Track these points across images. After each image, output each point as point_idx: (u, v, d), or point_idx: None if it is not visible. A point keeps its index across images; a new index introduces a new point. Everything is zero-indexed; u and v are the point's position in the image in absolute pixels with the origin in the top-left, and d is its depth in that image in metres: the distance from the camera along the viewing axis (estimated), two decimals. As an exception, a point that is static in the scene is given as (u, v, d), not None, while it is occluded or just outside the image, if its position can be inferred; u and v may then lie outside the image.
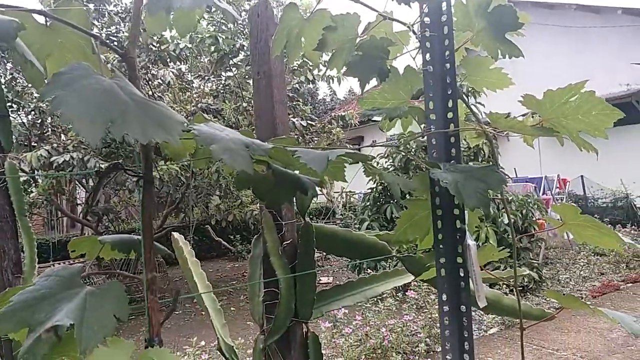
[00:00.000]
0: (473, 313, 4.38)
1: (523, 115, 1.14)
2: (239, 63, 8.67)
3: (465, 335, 1.01)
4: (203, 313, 6.41)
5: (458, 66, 1.10)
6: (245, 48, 8.29)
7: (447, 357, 1.02)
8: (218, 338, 1.34)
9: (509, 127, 1.00)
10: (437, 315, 5.90)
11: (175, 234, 1.33)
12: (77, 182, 8.50)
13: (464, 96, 1.07)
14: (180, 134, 0.66)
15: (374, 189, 9.02)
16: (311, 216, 12.97)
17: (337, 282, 1.40)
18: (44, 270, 0.83)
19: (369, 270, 7.64)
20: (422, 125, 1.10)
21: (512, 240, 1.18)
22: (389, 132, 1.22)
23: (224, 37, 7.76)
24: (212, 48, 8.01)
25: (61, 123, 7.14)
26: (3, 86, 1.89)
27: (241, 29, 8.48)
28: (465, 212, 1.00)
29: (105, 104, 0.64)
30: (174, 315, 7.34)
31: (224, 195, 8.98)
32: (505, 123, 0.98)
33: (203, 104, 8.03)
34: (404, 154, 8.23)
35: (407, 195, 1.12)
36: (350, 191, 15.29)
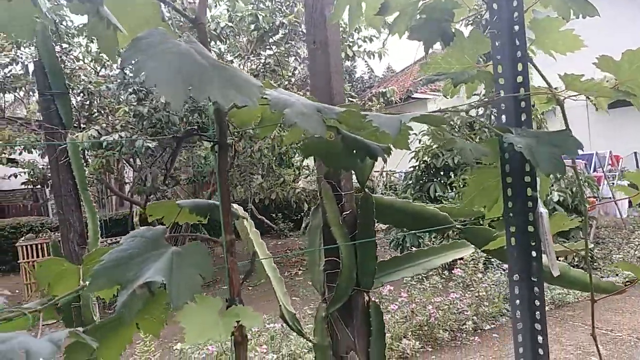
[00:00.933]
0: None
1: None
2: (278, 41, 8.66)
3: (537, 305, 0.99)
4: (250, 288, 6.66)
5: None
6: (284, 25, 8.27)
7: (518, 325, 1.01)
8: (280, 306, 1.37)
9: (585, 90, 0.95)
10: (484, 293, 5.83)
11: (235, 205, 1.35)
12: (125, 162, 8.76)
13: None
14: (258, 97, 0.67)
15: (417, 167, 8.91)
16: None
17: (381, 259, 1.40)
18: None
19: (413, 248, 7.61)
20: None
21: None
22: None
23: (263, 14, 7.75)
24: (252, 27, 8.01)
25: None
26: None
27: (279, 6, 8.45)
28: (537, 179, 0.97)
29: (185, 68, 0.65)
30: (226, 291, 7.56)
31: (266, 174, 9.08)
32: (581, 85, 0.94)
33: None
34: (447, 131, 8.06)
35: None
36: (390, 170, 15.19)
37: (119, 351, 0.86)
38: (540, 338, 1.00)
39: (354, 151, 0.80)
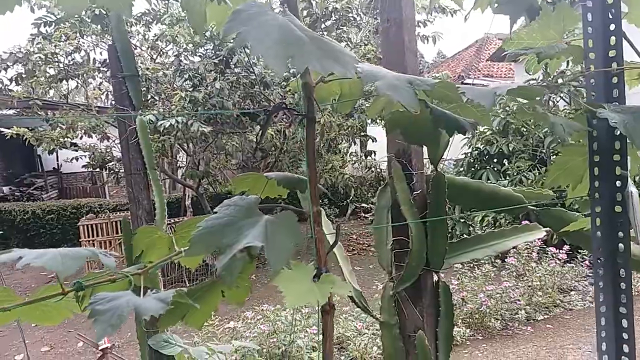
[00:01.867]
0: (575, 283, 4.18)
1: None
2: (330, 27, 8.62)
3: (623, 288, 0.96)
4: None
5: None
6: (337, 11, 8.21)
7: (601, 309, 0.98)
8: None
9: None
10: (537, 283, 5.68)
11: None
12: (179, 146, 9.02)
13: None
14: (355, 68, 0.67)
15: (469, 154, 8.72)
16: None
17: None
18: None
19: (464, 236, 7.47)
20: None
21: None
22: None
23: (317, 0, 7.74)
24: (305, 12, 8.02)
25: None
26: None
27: (332, -8, 8.39)
28: (628, 158, 0.93)
29: (285, 39, 0.66)
30: (266, 274, 7.74)
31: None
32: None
33: (295, 69, 8.09)
34: (502, 116, 7.84)
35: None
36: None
37: (205, 317, 0.90)
38: (625, 322, 0.97)
39: (442, 126, 0.80)
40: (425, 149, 1.25)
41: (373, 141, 9.80)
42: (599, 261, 0.99)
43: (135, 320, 2.27)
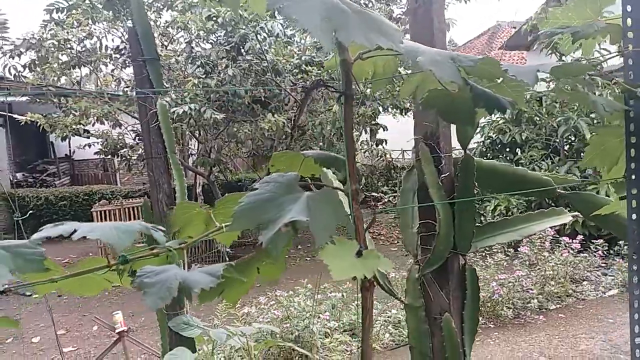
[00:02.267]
0: (587, 273, 4.13)
1: None
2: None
3: (658, 270, 0.95)
4: (307, 259, 6.76)
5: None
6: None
7: (635, 291, 0.97)
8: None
9: None
10: (550, 272, 5.66)
11: (324, 169, 1.36)
12: (190, 133, 9.04)
13: None
14: (400, 40, 0.66)
15: (481, 143, 8.67)
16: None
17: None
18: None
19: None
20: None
21: None
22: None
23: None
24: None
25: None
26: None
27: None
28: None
29: (329, 12, 0.66)
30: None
31: (326, 147, 9.10)
32: None
33: (307, 57, 8.07)
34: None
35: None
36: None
37: (242, 293, 0.90)
38: (658, 305, 0.96)
39: (481, 104, 0.79)
40: (454, 131, 1.24)
41: (384, 130, 9.77)
42: (636, 243, 0.98)
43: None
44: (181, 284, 0.61)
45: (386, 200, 12.07)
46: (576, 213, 1.45)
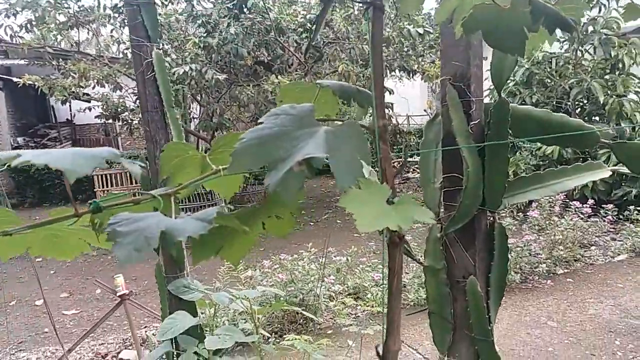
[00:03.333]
0: (596, 238, 4.02)
1: None
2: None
3: None
4: (312, 224, 6.69)
5: None
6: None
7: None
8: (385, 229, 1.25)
9: None
10: (559, 237, 5.56)
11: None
12: (192, 97, 8.84)
13: None
14: None
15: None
16: (412, 136, 12.65)
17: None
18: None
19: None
20: None
21: None
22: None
23: None
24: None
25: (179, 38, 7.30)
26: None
27: None
28: None
29: None
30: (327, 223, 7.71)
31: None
32: None
33: (312, 15, 7.77)
34: (527, 66, 7.51)
35: None
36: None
37: (244, 251, 0.77)
38: None
39: (541, 21, 0.64)
40: (488, 73, 1.09)
41: (390, 93, 9.54)
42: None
43: (156, 266, 2.19)
44: (164, 232, 0.48)
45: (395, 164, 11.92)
46: (616, 167, 1.31)
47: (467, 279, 1.17)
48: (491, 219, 1.19)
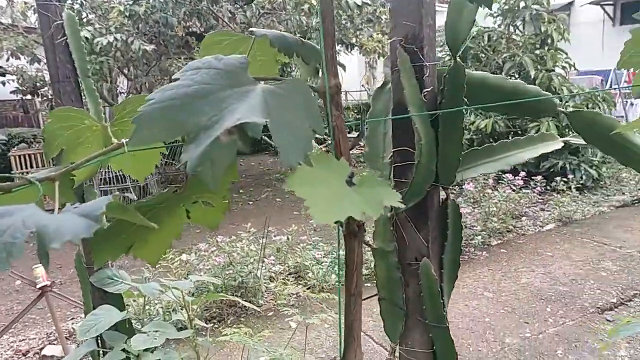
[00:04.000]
0: (526, 209, 4.15)
1: None
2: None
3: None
4: (250, 203, 6.50)
5: None
6: None
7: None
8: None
9: None
10: (493, 209, 5.72)
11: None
12: (119, 69, 8.30)
13: None
14: None
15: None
16: (351, 112, 12.63)
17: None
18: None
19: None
20: None
21: None
22: None
23: None
24: None
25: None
26: None
27: None
28: None
29: None
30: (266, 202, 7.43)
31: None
32: None
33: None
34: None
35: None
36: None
37: (163, 248, 0.62)
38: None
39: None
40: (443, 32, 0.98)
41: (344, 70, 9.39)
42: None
43: (75, 255, 1.97)
44: (36, 234, 0.33)
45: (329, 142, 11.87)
46: (568, 138, 1.25)
47: (420, 262, 1.08)
48: (444, 195, 1.10)
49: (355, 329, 0.55)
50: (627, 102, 9.02)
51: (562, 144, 1.23)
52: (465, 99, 1.02)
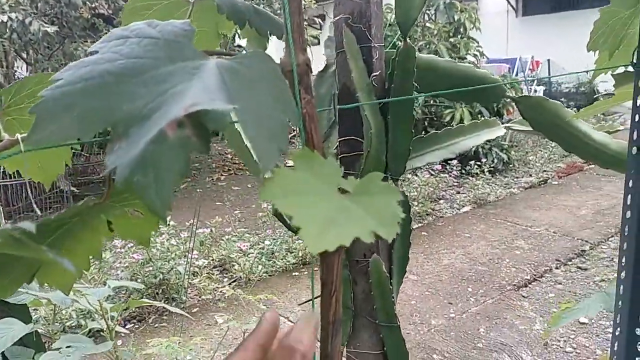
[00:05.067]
0: (443, 193, 4.30)
1: None
2: None
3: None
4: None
5: None
6: None
7: (627, 214, 0.77)
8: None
9: None
10: (414, 193, 5.87)
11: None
12: (16, 53, 7.54)
13: None
14: None
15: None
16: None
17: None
18: None
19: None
20: None
21: None
22: None
23: None
24: None
25: None
26: None
27: None
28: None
29: None
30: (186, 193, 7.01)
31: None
32: None
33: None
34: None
35: None
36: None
37: (80, 270, 0.50)
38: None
39: None
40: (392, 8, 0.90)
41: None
42: (633, 152, 0.76)
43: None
44: None
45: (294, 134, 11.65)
46: (509, 124, 1.24)
47: (370, 258, 1.01)
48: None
49: (334, 361, 0.46)
50: (531, 89, 9.64)
51: (504, 131, 1.21)
52: (417, 83, 0.96)
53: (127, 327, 3.47)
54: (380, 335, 1.03)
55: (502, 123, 1.24)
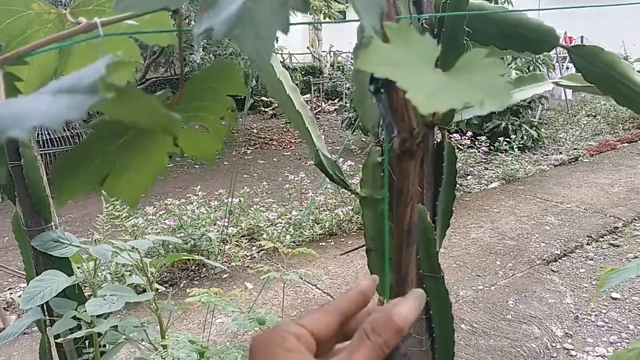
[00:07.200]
0: (471, 169, 4.23)
1: None
2: None
3: None
4: (197, 166, 6.23)
5: None
6: None
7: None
8: (317, 151, 1.03)
9: None
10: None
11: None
12: None
13: None
14: None
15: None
16: (297, 74, 12.38)
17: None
18: None
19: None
20: None
21: None
22: None
23: None
24: None
25: None
26: None
27: None
28: None
29: None
30: (214, 165, 7.11)
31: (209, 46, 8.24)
32: None
33: None
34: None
35: None
36: (337, 50, 14.51)
37: (144, 186, 0.50)
38: None
39: None
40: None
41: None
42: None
43: (12, 217, 1.76)
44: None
45: (276, 105, 11.62)
46: (557, 79, 1.20)
47: (414, 209, 1.01)
48: (439, 136, 1.02)
49: (409, 273, 0.46)
50: (563, 65, 9.35)
51: (552, 85, 1.17)
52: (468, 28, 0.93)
53: (166, 294, 3.56)
54: (424, 286, 1.03)
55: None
